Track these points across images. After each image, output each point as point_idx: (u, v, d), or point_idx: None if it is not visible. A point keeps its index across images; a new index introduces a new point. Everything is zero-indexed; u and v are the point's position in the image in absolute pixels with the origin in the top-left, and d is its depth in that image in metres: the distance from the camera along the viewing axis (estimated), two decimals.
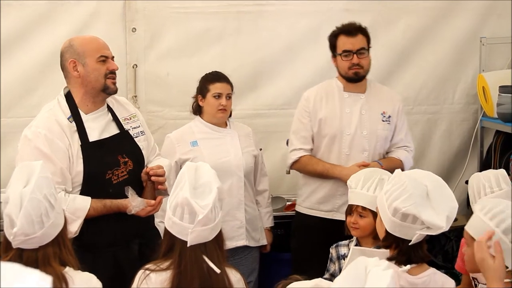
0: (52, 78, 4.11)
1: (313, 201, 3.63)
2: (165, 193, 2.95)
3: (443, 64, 4.48)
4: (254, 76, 4.34)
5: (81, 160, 2.85)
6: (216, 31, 4.30)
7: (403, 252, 2.35)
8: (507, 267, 2.19)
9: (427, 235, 2.31)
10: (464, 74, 4.49)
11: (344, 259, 2.95)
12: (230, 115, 3.66)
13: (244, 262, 3.59)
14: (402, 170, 3.44)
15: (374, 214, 2.73)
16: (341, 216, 3.49)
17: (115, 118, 3.01)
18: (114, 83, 2.96)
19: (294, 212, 3.88)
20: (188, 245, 2.22)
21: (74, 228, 2.74)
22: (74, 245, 2.52)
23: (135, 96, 4.25)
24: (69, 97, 2.94)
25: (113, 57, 2.99)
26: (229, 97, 3.58)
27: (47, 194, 2.15)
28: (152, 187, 2.96)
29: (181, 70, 4.27)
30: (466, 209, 4.34)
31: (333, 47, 3.58)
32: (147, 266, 2.31)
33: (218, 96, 3.54)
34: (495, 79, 4.17)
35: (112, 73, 2.94)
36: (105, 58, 2.92)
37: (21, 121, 4.13)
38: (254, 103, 4.35)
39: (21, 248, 2.15)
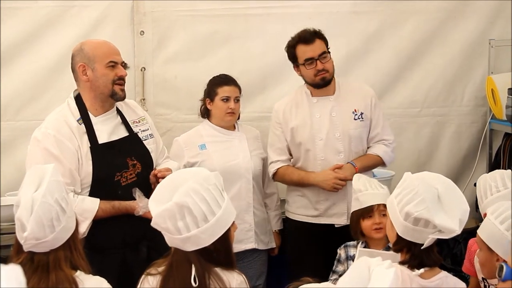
0: (61, 81, 4.13)
1: (298, 206, 3.62)
2: None
3: (451, 66, 4.46)
4: (262, 79, 4.34)
5: (90, 162, 2.87)
6: (223, 34, 4.30)
7: (416, 256, 2.34)
8: None
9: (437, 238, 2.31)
10: (472, 76, 4.47)
11: (353, 260, 2.94)
12: (238, 118, 3.66)
13: (253, 265, 3.59)
14: (383, 165, 3.50)
15: None
16: (326, 220, 3.53)
17: (124, 121, 3.02)
18: (122, 90, 2.97)
19: None
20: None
21: (82, 229, 2.74)
22: (83, 247, 2.54)
23: (143, 99, 4.26)
24: (79, 99, 2.96)
25: (123, 62, 2.99)
26: (237, 100, 3.58)
27: (58, 198, 2.15)
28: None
29: (189, 73, 4.27)
30: (475, 212, 4.31)
31: (293, 57, 3.55)
32: (148, 270, 2.32)
33: (227, 99, 3.55)
34: (504, 81, 4.15)
35: (120, 79, 2.95)
36: (114, 64, 2.93)
37: (30, 124, 4.13)
38: (261, 105, 4.35)
39: (32, 251, 2.15)
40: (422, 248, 2.31)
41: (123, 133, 3.01)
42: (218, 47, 4.29)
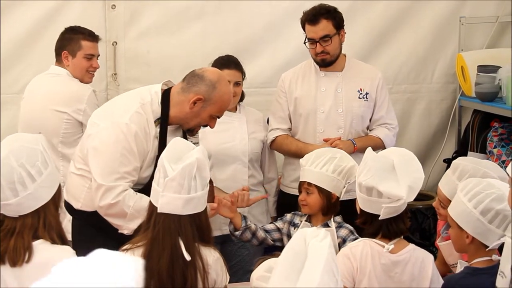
0: (31, 54, 4.09)
1: (292, 179, 3.63)
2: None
3: (422, 43, 4.50)
4: (235, 55, 4.23)
5: (151, 169, 2.79)
6: (196, 9, 4.26)
7: (373, 226, 2.44)
8: (486, 247, 2.24)
9: (409, 212, 2.37)
10: (443, 53, 4.52)
11: (295, 228, 2.94)
12: (242, 99, 3.62)
13: (246, 246, 3.55)
14: (383, 148, 3.51)
15: (320, 190, 2.79)
16: None
17: (184, 132, 2.98)
18: (197, 131, 2.98)
19: None
20: (158, 211, 2.24)
21: (134, 225, 2.69)
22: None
23: (115, 74, 4.21)
24: (165, 99, 2.85)
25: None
26: (238, 84, 3.51)
27: (25, 163, 2.12)
28: (211, 190, 2.87)
29: (161, 48, 4.23)
30: None
31: (304, 31, 3.57)
32: (124, 247, 2.32)
33: None
34: (473, 59, 4.20)
35: (204, 126, 2.95)
36: (216, 117, 2.92)
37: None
38: None
39: (4, 215, 2.14)
40: (380, 218, 2.38)
41: None
42: (191, 22, 4.25)
